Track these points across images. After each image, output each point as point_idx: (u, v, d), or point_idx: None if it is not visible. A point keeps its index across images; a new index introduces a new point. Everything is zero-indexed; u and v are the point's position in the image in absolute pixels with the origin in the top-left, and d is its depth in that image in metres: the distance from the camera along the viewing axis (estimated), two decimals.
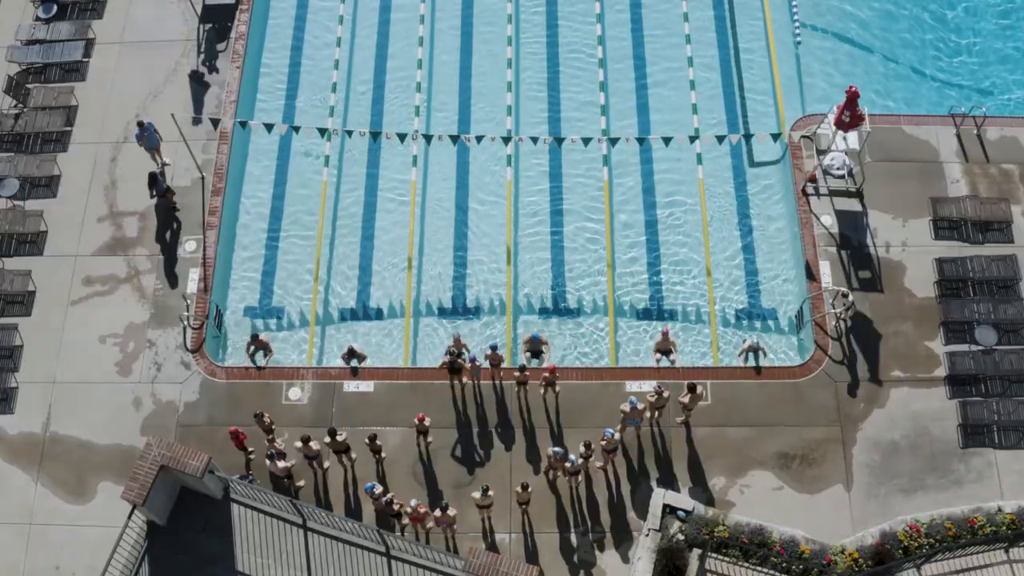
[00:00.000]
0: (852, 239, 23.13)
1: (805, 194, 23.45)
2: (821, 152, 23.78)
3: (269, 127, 22.33)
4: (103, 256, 23.27)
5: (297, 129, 22.42)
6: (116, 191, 23.86)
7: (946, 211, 23.35)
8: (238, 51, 25.38)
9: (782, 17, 25.82)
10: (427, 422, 20.27)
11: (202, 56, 25.36)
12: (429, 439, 20.77)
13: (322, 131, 22.52)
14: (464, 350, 20.66)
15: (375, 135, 22.24)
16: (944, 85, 25.29)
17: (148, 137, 23.27)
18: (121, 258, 23.23)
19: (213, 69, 25.23)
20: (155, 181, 22.92)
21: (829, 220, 23.25)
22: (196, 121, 24.41)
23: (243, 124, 22.55)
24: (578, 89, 24.85)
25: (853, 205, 23.49)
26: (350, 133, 22.58)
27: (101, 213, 23.77)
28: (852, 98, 21.13)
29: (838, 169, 23.61)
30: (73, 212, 23.80)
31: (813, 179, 23.48)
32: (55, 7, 26.15)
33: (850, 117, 21.35)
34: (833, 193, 23.52)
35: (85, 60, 25.57)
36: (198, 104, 24.68)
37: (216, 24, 25.82)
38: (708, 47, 25.54)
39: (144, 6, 26.23)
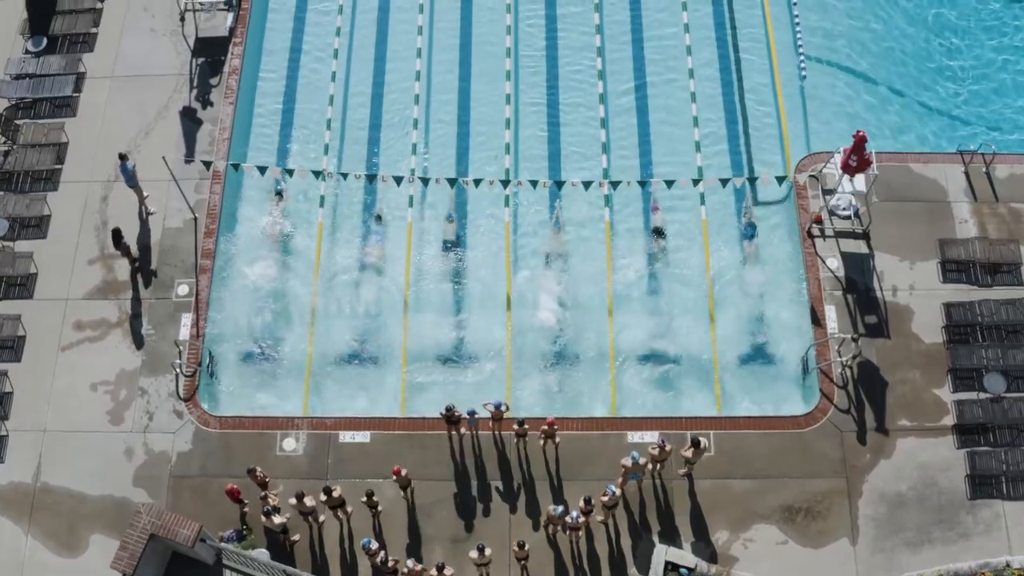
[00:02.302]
0: (859, 282, 22.66)
1: (811, 236, 23.00)
2: (827, 192, 23.30)
3: (262, 169, 21.86)
4: (94, 300, 22.80)
5: (291, 172, 21.94)
6: (107, 232, 23.24)
7: (954, 253, 22.86)
8: (231, 86, 24.81)
9: (787, 52, 25.21)
10: (404, 472, 19.81)
11: (195, 91, 24.79)
12: (411, 489, 20.33)
13: (316, 173, 22.06)
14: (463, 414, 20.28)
15: (371, 177, 21.77)
16: (953, 120, 24.71)
17: (123, 172, 22.82)
18: (112, 302, 22.75)
19: (206, 104, 24.70)
20: (118, 239, 22.45)
21: (835, 263, 22.77)
22: (188, 160, 23.96)
23: (235, 167, 22.06)
24: (578, 128, 24.33)
25: (860, 247, 23.01)
26: (345, 176, 22.10)
27: (92, 255, 23.30)
28: (859, 143, 20.61)
29: (844, 210, 23.12)
30: (64, 254, 23.30)
31: (819, 220, 22.99)
32: (45, 40, 25.60)
33: (857, 161, 20.84)
34: (839, 235, 23.04)
35: (76, 95, 25.01)
36: (190, 142, 24.16)
37: (209, 58, 25.26)
38: (711, 82, 24.98)
39: (136, 39, 25.67)
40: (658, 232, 23.51)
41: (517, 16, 26.23)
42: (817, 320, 22.13)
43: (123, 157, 22.82)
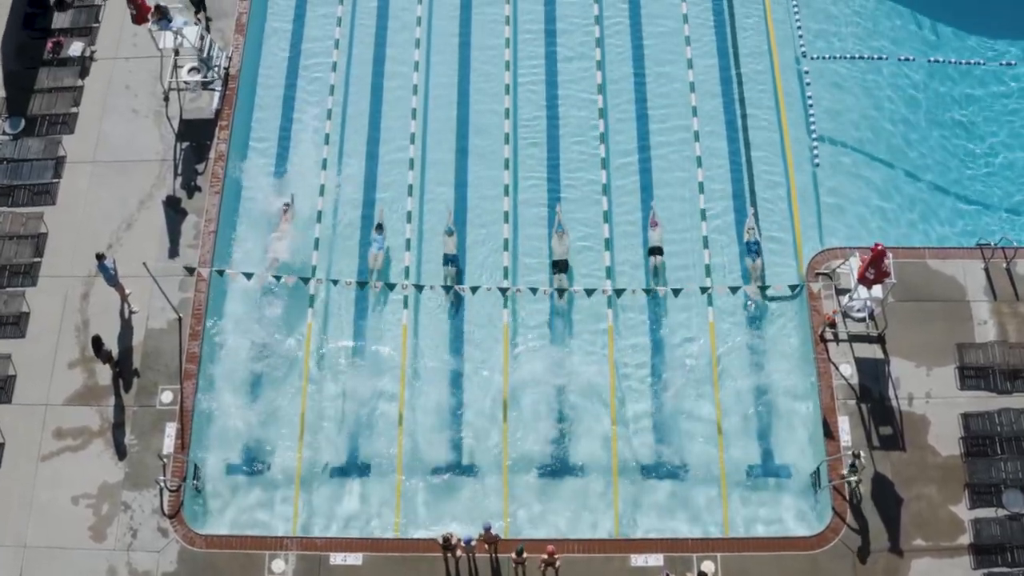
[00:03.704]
0: (873, 390, 21.68)
1: (823, 340, 22.04)
2: (840, 292, 22.34)
3: (249, 275, 20.84)
4: (75, 406, 21.82)
5: (279, 278, 20.95)
6: (88, 332, 22.33)
7: (973, 358, 21.87)
8: (217, 174, 23.70)
9: (800, 136, 24.19)
10: None
11: (179, 179, 23.69)
12: None
13: (304, 279, 21.06)
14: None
15: (361, 284, 20.72)
16: (972, 213, 23.63)
17: (103, 271, 21.92)
18: (94, 408, 21.79)
19: (192, 192, 23.60)
20: (98, 346, 21.60)
21: (849, 370, 21.77)
22: (172, 253, 22.98)
23: (220, 272, 21.03)
24: (580, 232, 23.28)
25: (874, 352, 22.02)
26: (335, 282, 21.09)
27: (72, 357, 22.29)
28: (877, 257, 19.59)
29: (858, 311, 22.07)
30: (43, 355, 22.33)
31: (832, 323, 22.03)
32: (23, 121, 24.49)
33: (875, 274, 19.85)
34: (853, 338, 22.05)
35: (55, 180, 23.93)
36: (174, 235, 23.09)
37: (194, 142, 24.13)
38: (720, 170, 23.92)
39: (117, 120, 24.54)
40: (655, 250, 22.74)
41: (516, 105, 25.10)
42: (830, 432, 21.17)
43: (100, 257, 21.86)
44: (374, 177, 23.94)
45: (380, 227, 23.29)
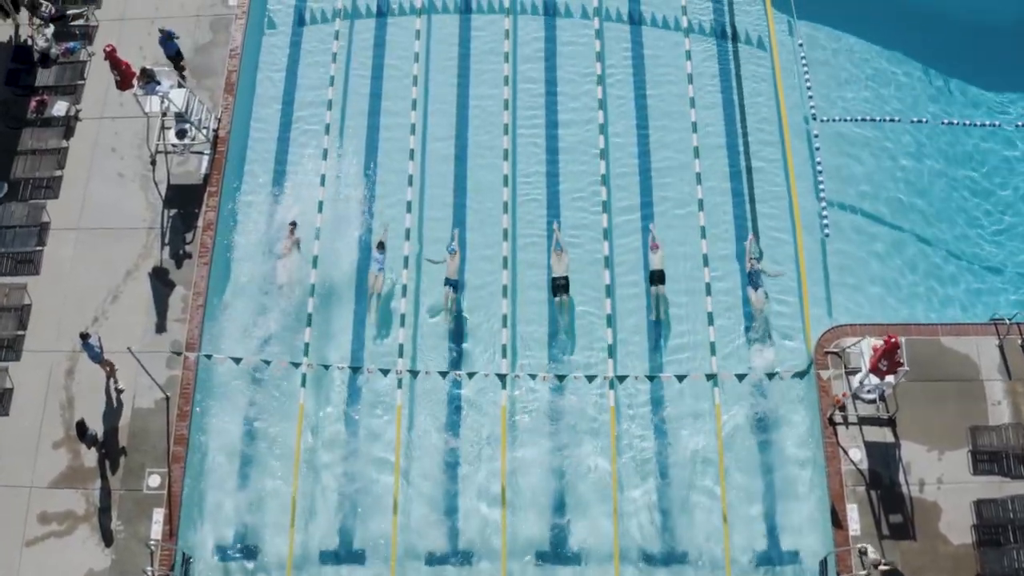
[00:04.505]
0: (883, 476, 20.97)
1: (832, 423, 21.34)
2: (850, 372, 21.63)
3: (237, 360, 20.15)
4: (60, 489, 21.10)
5: (268, 362, 20.25)
6: (73, 410, 21.63)
7: (986, 441, 21.12)
8: (206, 244, 22.83)
9: (809, 200, 23.40)
10: None
11: (166, 248, 22.87)
12: None
13: (295, 364, 20.36)
14: None
15: (355, 369, 20.03)
16: (987, 284, 22.89)
17: (87, 350, 21.19)
18: (79, 492, 21.06)
19: (180, 261, 22.76)
20: (83, 431, 20.91)
21: (858, 454, 21.05)
22: (160, 328, 22.26)
23: (208, 356, 20.34)
24: (583, 323, 22.42)
25: (885, 435, 21.29)
26: (327, 367, 20.40)
27: (57, 437, 21.56)
28: (891, 349, 18.88)
29: (869, 392, 21.36)
30: (27, 434, 21.56)
31: (841, 405, 21.33)
32: (6, 186, 23.67)
33: (887, 366, 19.13)
34: (863, 421, 21.37)
35: (39, 248, 23.12)
36: (161, 308, 22.31)
37: (182, 209, 23.29)
38: (724, 242, 23.17)
39: (103, 184, 23.69)
40: (656, 276, 22.19)
41: (515, 172, 24.35)
42: (838, 521, 20.52)
43: (85, 336, 21.08)
44: (367, 249, 23.06)
45: (382, 245, 22.62)
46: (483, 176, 24.28)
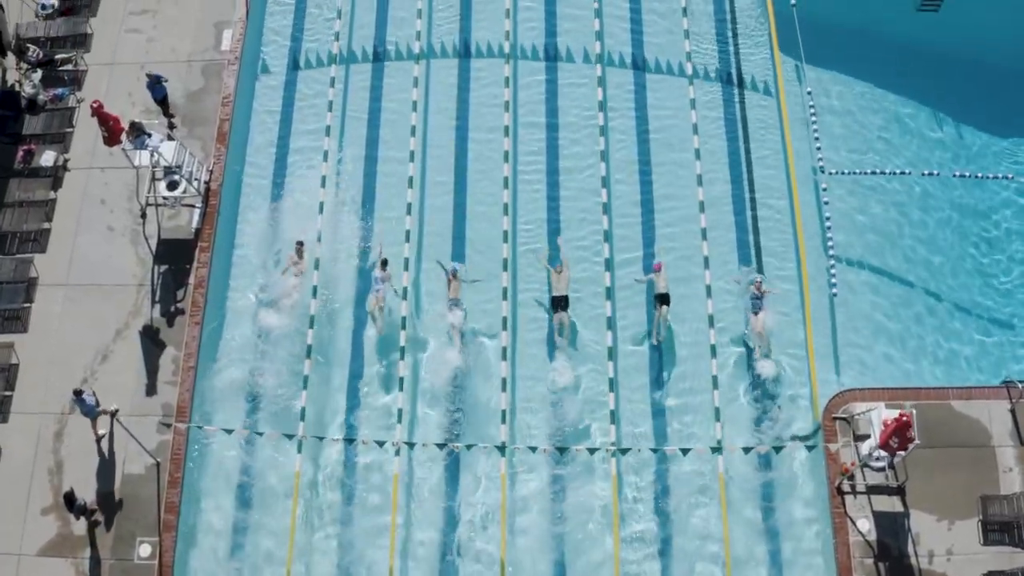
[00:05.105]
0: (892, 547, 20.41)
1: (840, 492, 20.82)
2: (858, 438, 21.09)
3: (229, 431, 19.59)
4: (49, 557, 20.60)
5: (261, 433, 19.66)
6: (62, 475, 21.09)
7: (997, 510, 20.57)
8: (197, 302, 22.19)
9: (818, 257, 22.76)
10: None
11: (157, 306, 22.26)
12: None
13: (288, 435, 19.79)
14: None
15: (349, 441, 19.50)
16: (1001, 338, 22.33)
17: (80, 405, 20.72)
18: (69, 561, 20.52)
19: (172, 320, 22.15)
20: (71, 502, 20.30)
21: (867, 525, 20.52)
22: (150, 391, 21.64)
23: (200, 427, 19.80)
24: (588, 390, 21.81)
25: (894, 504, 20.73)
26: (321, 439, 19.87)
27: (46, 503, 21.02)
28: (903, 427, 18.33)
29: (877, 460, 20.80)
30: (15, 500, 21.03)
31: (849, 474, 20.79)
32: None
33: (899, 443, 18.58)
34: (871, 490, 20.82)
35: (27, 305, 22.55)
36: (152, 369, 21.69)
37: (173, 265, 22.64)
38: (730, 296, 22.67)
39: (92, 239, 23.06)
40: (662, 299, 21.79)
41: (515, 222, 23.79)
42: None
43: (78, 393, 20.64)
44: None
45: (385, 263, 22.12)
46: (483, 228, 23.71)
